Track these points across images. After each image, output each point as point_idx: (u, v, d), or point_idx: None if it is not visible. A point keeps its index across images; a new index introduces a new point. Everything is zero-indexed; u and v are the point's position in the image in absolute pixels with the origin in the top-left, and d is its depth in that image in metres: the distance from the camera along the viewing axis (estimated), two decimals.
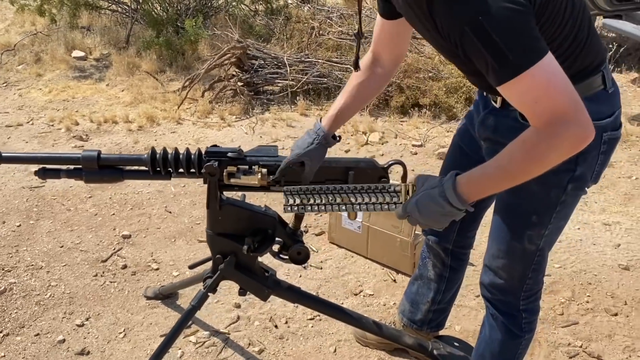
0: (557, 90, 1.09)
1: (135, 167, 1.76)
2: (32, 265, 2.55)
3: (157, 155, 1.70)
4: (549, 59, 1.09)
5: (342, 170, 1.62)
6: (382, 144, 3.77)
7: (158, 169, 1.69)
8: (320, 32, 4.95)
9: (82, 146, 3.69)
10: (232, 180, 1.63)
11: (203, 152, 1.69)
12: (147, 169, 1.70)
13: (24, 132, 3.88)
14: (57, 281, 2.46)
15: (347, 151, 3.68)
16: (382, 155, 3.62)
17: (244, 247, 1.69)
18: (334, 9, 5.50)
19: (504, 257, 1.52)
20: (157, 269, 2.55)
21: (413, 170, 3.41)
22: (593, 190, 3.18)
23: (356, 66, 1.53)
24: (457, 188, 1.23)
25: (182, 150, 1.71)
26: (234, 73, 4.43)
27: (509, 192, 1.31)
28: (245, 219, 1.74)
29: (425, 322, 1.97)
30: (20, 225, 2.83)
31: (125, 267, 2.55)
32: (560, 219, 1.46)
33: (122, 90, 4.59)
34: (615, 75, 4.89)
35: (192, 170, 1.69)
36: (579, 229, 2.82)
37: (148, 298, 2.36)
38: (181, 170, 1.69)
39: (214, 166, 1.63)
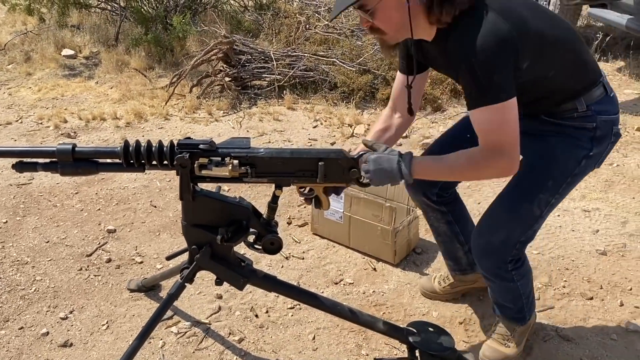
0: (507, 129, 1.44)
1: (110, 160, 1.78)
2: (18, 260, 2.59)
3: (130, 148, 1.72)
4: (513, 103, 1.43)
5: (313, 161, 1.65)
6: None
7: (131, 161, 1.72)
8: (307, 26, 4.98)
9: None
10: (204, 172, 1.66)
11: (175, 144, 1.72)
12: (120, 161, 1.72)
13: (12, 131, 3.91)
14: (42, 276, 2.50)
15: (332, 143, 3.71)
16: None
17: (218, 237, 1.73)
18: (322, 2, 5.52)
19: (510, 215, 1.68)
20: (141, 262, 2.58)
21: None
22: None
23: (411, 112, 1.79)
24: (411, 164, 1.52)
25: (155, 143, 1.74)
26: (222, 68, 4.46)
27: (535, 153, 1.66)
28: (219, 210, 1.77)
29: (470, 263, 2.15)
30: (6, 221, 2.87)
31: (109, 260, 2.59)
32: (566, 190, 1.69)
33: (111, 88, 4.62)
34: (601, 64, 4.93)
35: (165, 162, 1.72)
36: (558, 215, 2.86)
37: (131, 290, 2.39)
38: (154, 162, 1.72)
39: (185, 158, 1.66)
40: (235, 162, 1.67)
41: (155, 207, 2.99)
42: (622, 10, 4.46)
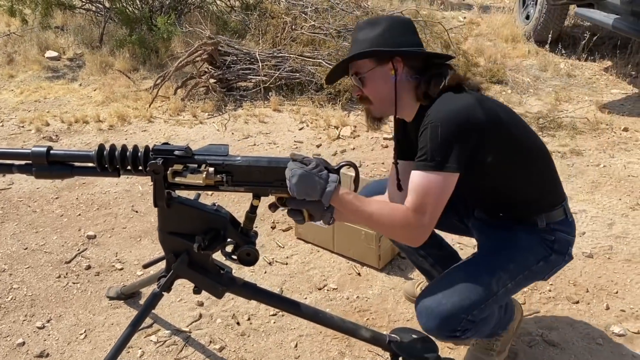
0: (437, 200, 1.48)
1: (85, 164, 1.75)
2: None
3: (104, 152, 1.68)
4: (454, 178, 1.48)
5: None
6: (354, 137, 3.77)
7: (106, 165, 1.68)
8: (294, 27, 4.93)
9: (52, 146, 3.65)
10: (177, 179, 1.62)
11: (151, 150, 1.68)
12: (94, 165, 1.68)
13: None
14: (20, 284, 2.44)
15: (318, 145, 3.67)
16: (354, 149, 3.62)
17: (195, 245, 1.69)
18: (309, 2, 5.47)
19: (468, 281, 1.61)
20: (121, 269, 2.53)
21: (383, 163, 3.42)
22: (560, 179, 3.19)
23: (400, 188, 1.76)
24: (334, 192, 1.50)
25: (130, 147, 1.70)
26: (206, 70, 4.41)
27: (501, 238, 1.70)
28: (195, 218, 1.73)
29: None
30: None
31: (89, 267, 2.54)
32: (520, 283, 1.69)
33: (95, 90, 4.56)
34: (588, 64, 4.92)
35: (140, 168, 1.67)
36: None
37: (110, 298, 2.34)
38: (129, 167, 1.68)
39: (158, 164, 1.62)
40: (211, 169, 1.63)
41: (136, 212, 2.94)
42: (609, 10, 4.45)
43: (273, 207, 1.65)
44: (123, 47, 4.94)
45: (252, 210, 1.69)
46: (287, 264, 2.55)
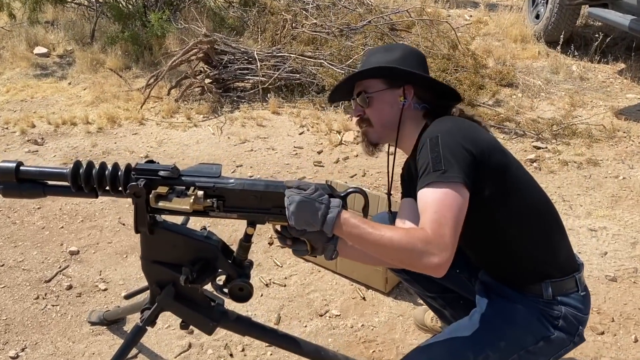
0: (454, 214, 1.27)
1: (59, 182, 1.54)
2: None
3: (81, 170, 1.47)
4: (464, 190, 1.30)
5: None
6: (357, 143, 3.56)
7: (82, 185, 1.47)
8: (294, 24, 4.72)
9: (37, 151, 3.45)
10: (161, 204, 1.41)
11: (133, 169, 1.47)
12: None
13: None
14: None
15: (319, 152, 3.46)
16: (357, 155, 3.41)
17: (181, 277, 1.49)
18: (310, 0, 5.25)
19: (450, 357, 1.44)
20: (105, 290, 2.33)
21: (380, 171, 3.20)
22: (578, 192, 3.00)
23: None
24: (337, 219, 1.28)
25: (110, 165, 1.49)
26: (202, 69, 4.19)
27: (495, 310, 1.47)
28: (182, 245, 1.53)
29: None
30: None
31: (70, 287, 2.33)
32: None
33: (84, 89, 4.34)
34: (601, 67, 4.71)
35: (120, 188, 1.47)
36: None
37: (92, 324, 2.14)
38: (107, 188, 1.47)
39: (139, 186, 1.41)
40: (200, 193, 1.42)
41: (123, 224, 2.73)
42: (625, 10, 4.24)
43: (282, 240, 1.45)
44: (115, 44, 4.72)
45: (247, 239, 1.49)
46: (285, 285, 2.35)
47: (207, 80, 4.11)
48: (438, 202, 1.29)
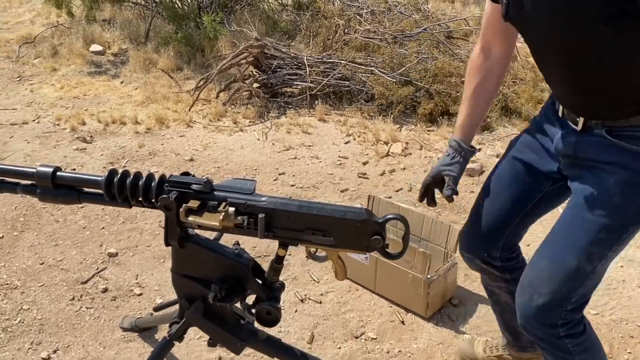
0: None
1: (94, 190, 1.53)
2: (7, 284, 2.34)
3: (115, 179, 1.44)
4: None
5: (326, 220, 1.32)
6: (405, 156, 3.44)
7: (114, 194, 1.45)
8: (346, 30, 4.63)
9: (85, 149, 3.48)
10: (191, 218, 1.35)
11: (166, 180, 1.43)
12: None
13: (27, 131, 3.71)
14: (30, 304, 2.24)
15: (365, 163, 3.37)
16: (404, 169, 3.30)
17: (210, 294, 1.43)
18: (365, 4, 5.16)
19: (553, 269, 1.35)
20: (140, 294, 2.31)
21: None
22: None
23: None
24: None
25: (145, 174, 1.45)
26: (251, 73, 4.16)
27: (585, 194, 1.32)
28: (212, 262, 1.47)
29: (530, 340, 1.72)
30: (2, 236, 2.64)
31: (105, 290, 2.32)
32: (627, 240, 1.34)
33: (136, 89, 4.38)
34: None
35: (153, 200, 1.43)
36: (621, 266, 2.45)
37: (124, 329, 2.11)
38: (140, 198, 1.44)
39: (170, 199, 1.36)
40: (232, 209, 1.35)
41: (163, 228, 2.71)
42: None
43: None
44: (168, 45, 4.75)
45: (278, 260, 1.41)
46: (321, 302, 2.27)
47: (255, 85, 4.08)
48: None
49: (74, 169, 3.21)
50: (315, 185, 3.12)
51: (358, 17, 4.93)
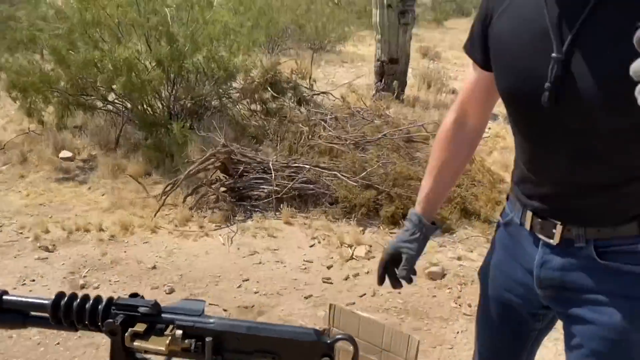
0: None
1: (40, 313, 1.50)
2: None
3: (62, 302, 1.42)
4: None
5: (275, 341, 1.32)
6: (369, 259, 3.48)
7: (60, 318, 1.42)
8: (311, 136, 4.81)
9: (47, 258, 3.44)
10: (136, 343, 1.34)
11: (113, 303, 1.42)
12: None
13: None
14: None
15: (329, 267, 3.39)
16: (367, 272, 3.32)
17: None
18: (329, 111, 5.39)
19: None
20: None
21: (400, 292, 3.09)
22: None
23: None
24: None
25: (92, 297, 1.44)
26: (219, 178, 4.25)
27: (605, 341, 1.12)
28: None
29: None
30: None
31: None
32: None
33: (103, 195, 4.41)
34: None
35: (99, 323, 1.41)
36: None
37: None
38: (86, 322, 1.41)
39: (115, 323, 1.35)
40: (179, 332, 1.34)
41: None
42: None
43: None
44: (137, 151, 4.85)
45: None
46: None
47: (222, 189, 4.15)
48: None
49: (33, 280, 3.16)
50: (279, 292, 3.11)
51: (323, 122, 5.14)
